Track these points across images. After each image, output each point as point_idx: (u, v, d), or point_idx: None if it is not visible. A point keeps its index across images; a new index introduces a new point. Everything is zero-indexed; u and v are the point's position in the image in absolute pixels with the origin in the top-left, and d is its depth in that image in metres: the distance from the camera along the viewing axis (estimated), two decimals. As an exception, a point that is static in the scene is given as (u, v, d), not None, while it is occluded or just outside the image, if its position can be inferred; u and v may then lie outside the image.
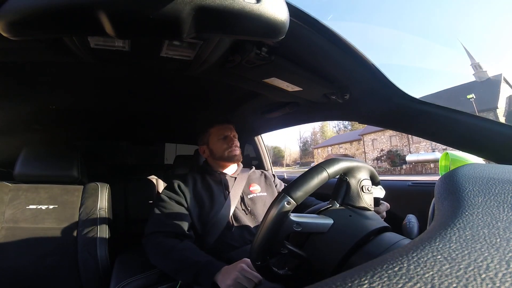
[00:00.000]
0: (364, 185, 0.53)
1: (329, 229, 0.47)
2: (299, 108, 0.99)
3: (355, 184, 0.53)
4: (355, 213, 0.50)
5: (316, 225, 0.47)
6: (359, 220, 0.49)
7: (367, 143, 24.56)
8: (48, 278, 0.95)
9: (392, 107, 0.70)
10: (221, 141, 1.01)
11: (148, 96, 1.11)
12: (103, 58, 0.60)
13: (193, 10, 0.32)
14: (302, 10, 0.48)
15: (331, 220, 0.48)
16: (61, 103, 1.13)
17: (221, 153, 1.00)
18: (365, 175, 0.55)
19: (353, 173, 0.54)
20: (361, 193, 0.53)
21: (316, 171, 0.48)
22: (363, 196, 0.53)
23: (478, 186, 0.29)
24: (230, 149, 1.00)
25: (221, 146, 1.00)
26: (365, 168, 0.55)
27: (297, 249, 0.48)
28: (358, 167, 0.54)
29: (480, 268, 0.17)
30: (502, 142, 0.61)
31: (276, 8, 0.35)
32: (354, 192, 0.53)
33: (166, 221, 0.86)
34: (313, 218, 0.48)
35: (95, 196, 1.13)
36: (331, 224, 0.48)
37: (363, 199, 0.53)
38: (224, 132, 1.02)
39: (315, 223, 0.47)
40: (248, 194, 0.99)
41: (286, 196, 0.46)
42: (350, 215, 0.50)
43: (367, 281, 0.17)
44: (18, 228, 1.00)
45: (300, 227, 0.46)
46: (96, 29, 0.34)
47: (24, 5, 0.31)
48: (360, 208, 0.52)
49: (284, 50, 0.58)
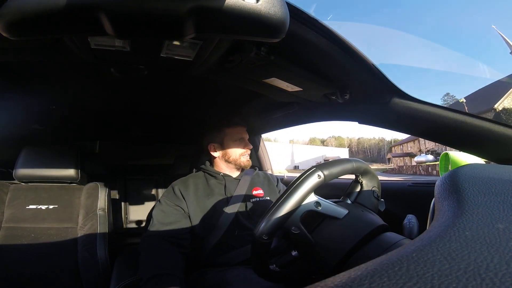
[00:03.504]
0: (375, 191, 0.57)
1: (344, 217, 0.49)
2: (299, 108, 0.99)
3: (368, 187, 0.57)
4: (366, 210, 0.54)
5: (334, 209, 0.49)
6: (371, 215, 0.52)
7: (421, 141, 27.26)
8: (48, 278, 0.95)
9: (392, 107, 0.70)
10: (237, 143, 0.99)
11: (148, 96, 1.11)
12: (103, 58, 0.60)
13: (193, 10, 0.32)
14: (302, 10, 0.48)
15: (346, 210, 0.50)
16: (61, 103, 1.13)
17: (236, 156, 0.99)
18: (376, 184, 0.58)
19: (368, 177, 0.58)
20: (372, 196, 0.56)
21: (348, 161, 0.53)
22: (373, 200, 0.56)
23: (478, 186, 0.29)
24: (246, 154, 1.00)
25: (237, 149, 0.99)
26: (377, 178, 0.59)
27: (307, 232, 0.49)
28: (374, 175, 0.58)
29: (480, 268, 0.17)
30: (502, 142, 0.61)
31: (276, 8, 0.35)
32: (366, 193, 0.56)
33: (161, 227, 0.86)
34: (332, 203, 0.50)
35: (95, 196, 1.13)
36: (346, 213, 0.50)
37: (373, 202, 0.56)
38: (241, 134, 1.01)
39: (334, 207, 0.49)
40: (251, 198, 0.97)
41: (318, 170, 0.47)
42: (363, 210, 0.53)
43: (367, 281, 0.17)
44: (18, 228, 1.00)
45: (320, 206, 0.48)
46: (96, 29, 0.34)
47: (24, 5, 0.31)
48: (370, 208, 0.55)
49: (284, 50, 0.58)
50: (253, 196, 0.99)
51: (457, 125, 0.63)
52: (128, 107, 1.24)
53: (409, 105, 0.67)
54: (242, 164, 0.99)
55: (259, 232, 0.47)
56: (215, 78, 0.74)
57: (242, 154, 0.99)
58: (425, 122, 0.68)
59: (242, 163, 0.99)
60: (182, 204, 0.91)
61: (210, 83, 0.90)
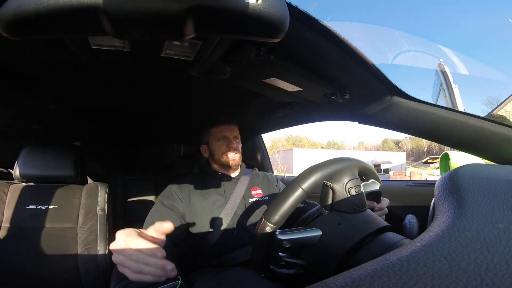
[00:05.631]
0: (350, 187, 0.51)
1: (319, 240, 0.48)
2: (299, 108, 0.99)
3: (340, 188, 0.51)
4: (345, 219, 0.49)
5: (304, 239, 0.48)
6: (348, 229, 0.48)
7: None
8: (48, 278, 0.95)
9: (392, 107, 0.70)
10: (220, 142, 0.99)
11: (148, 96, 1.11)
12: (103, 58, 0.60)
13: (193, 10, 0.32)
14: (302, 10, 0.48)
15: (319, 231, 0.48)
16: (61, 103, 1.13)
17: (218, 155, 0.98)
18: (350, 176, 0.52)
19: (335, 177, 0.51)
20: (349, 196, 0.50)
21: (292, 190, 0.47)
22: (351, 199, 0.50)
23: (478, 186, 0.29)
24: (227, 152, 0.97)
25: (219, 148, 0.98)
26: (348, 168, 0.52)
27: (294, 259, 0.49)
28: (339, 170, 0.51)
29: (480, 268, 0.17)
30: (502, 142, 0.61)
31: (276, 8, 0.35)
32: (340, 197, 0.50)
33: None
34: (301, 232, 0.48)
35: (94, 196, 1.13)
36: (320, 235, 0.48)
37: (352, 202, 0.50)
38: (224, 132, 1.00)
39: (303, 238, 0.48)
40: (249, 198, 0.97)
41: (266, 223, 0.47)
42: (339, 223, 0.49)
43: (367, 281, 0.17)
44: (18, 228, 1.00)
45: (289, 243, 0.47)
46: (96, 29, 0.34)
47: (24, 5, 0.31)
48: (351, 211, 0.50)
49: (284, 50, 0.58)
50: (252, 196, 0.99)
51: (457, 125, 0.63)
52: (128, 107, 1.24)
53: (409, 105, 0.67)
54: (225, 162, 0.97)
55: (257, 272, 0.51)
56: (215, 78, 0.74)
57: (224, 153, 0.97)
58: (425, 122, 0.68)
59: (225, 162, 0.97)
60: (177, 204, 0.90)
61: (210, 83, 0.90)
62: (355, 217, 0.50)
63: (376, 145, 67.04)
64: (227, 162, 0.97)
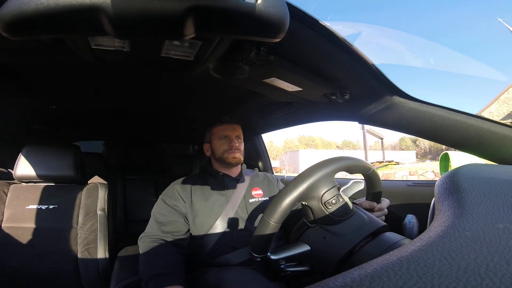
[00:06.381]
0: (327, 200, 0.47)
1: (310, 253, 0.49)
2: (299, 108, 0.99)
3: (316, 204, 0.48)
4: (329, 233, 0.48)
5: (296, 255, 0.49)
6: (333, 243, 0.47)
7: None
8: (48, 278, 0.95)
9: (392, 107, 0.70)
10: (222, 141, 1.00)
11: (149, 96, 1.11)
12: (103, 58, 0.60)
13: (193, 10, 0.32)
14: (302, 10, 0.48)
15: (307, 246, 0.50)
16: (61, 103, 1.13)
17: (220, 154, 0.99)
18: (325, 186, 0.48)
19: (308, 195, 0.47)
20: (327, 210, 0.48)
21: (264, 225, 0.46)
22: (331, 211, 0.48)
23: (478, 186, 0.29)
24: (229, 151, 0.98)
25: (221, 147, 0.99)
26: (321, 178, 0.47)
27: (298, 267, 0.51)
28: (310, 186, 0.46)
29: (480, 268, 0.17)
30: (502, 142, 0.61)
31: (276, 8, 0.35)
32: (319, 212, 0.48)
33: (159, 227, 0.87)
34: (290, 250, 0.49)
35: (94, 196, 1.13)
36: (309, 249, 0.49)
37: (333, 214, 0.48)
38: (226, 132, 1.00)
39: (294, 254, 0.49)
40: (250, 198, 0.98)
41: (251, 253, 0.50)
42: (325, 237, 0.48)
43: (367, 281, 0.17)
44: (18, 228, 1.00)
45: (284, 261, 0.49)
46: (96, 29, 0.34)
47: (24, 5, 0.31)
48: (335, 223, 0.48)
49: (284, 50, 0.58)
50: (252, 196, 0.99)
51: (457, 125, 0.63)
52: (129, 107, 1.24)
53: (409, 105, 0.67)
54: (227, 160, 0.98)
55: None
56: (215, 78, 0.74)
57: (226, 151, 0.98)
58: (425, 122, 0.67)
59: (226, 160, 0.98)
60: (179, 204, 0.91)
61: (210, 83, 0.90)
62: (341, 227, 0.48)
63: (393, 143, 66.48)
64: (228, 160, 0.98)
